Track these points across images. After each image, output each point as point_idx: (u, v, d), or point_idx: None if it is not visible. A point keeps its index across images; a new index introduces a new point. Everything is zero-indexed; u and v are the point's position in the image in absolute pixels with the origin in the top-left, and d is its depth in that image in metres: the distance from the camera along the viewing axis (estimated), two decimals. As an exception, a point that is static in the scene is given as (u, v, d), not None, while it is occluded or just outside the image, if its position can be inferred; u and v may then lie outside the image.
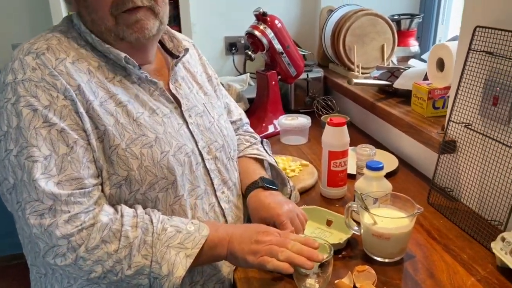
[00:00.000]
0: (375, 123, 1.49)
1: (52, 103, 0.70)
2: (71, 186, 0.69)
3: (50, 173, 0.68)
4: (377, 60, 1.65)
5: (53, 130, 0.69)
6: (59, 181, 0.68)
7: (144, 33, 0.77)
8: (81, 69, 0.74)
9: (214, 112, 0.94)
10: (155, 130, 0.78)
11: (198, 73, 0.97)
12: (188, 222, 0.75)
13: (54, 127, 0.69)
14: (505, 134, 0.89)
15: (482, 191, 0.97)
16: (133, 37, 0.76)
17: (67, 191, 0.68)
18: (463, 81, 1.00)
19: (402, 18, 1.68)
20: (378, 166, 0.97)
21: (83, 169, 0.71)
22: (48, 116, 0.69)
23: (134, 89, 0.80)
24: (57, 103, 0.70)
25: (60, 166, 0.69)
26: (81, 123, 0.72)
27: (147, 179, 0.76)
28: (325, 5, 1.84)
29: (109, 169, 0.74)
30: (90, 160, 0.72)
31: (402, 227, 0.85)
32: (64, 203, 0.68)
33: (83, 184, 0.70)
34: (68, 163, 0.69)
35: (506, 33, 0.87)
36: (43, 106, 0.69)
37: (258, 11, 1.47)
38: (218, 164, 0.89)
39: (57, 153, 0.69)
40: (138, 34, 0.76)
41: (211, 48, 1.90)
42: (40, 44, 0.73)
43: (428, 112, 1.21)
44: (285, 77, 1.60)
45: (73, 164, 0.70)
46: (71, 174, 0.69)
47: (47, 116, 0.69)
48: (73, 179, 0.69)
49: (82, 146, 0.71)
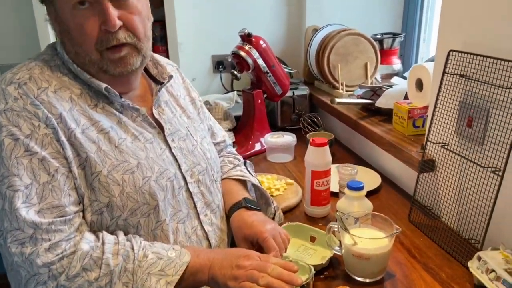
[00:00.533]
0: (359, 141, 1.52)
1: (33, 132, 0.71)
2: (52, 214, 0.70)
3: (31, 201, 0.69)
4: (361, 78, 1.69)
5: (34, 159, 0.70)
6: (40, 210, 0.69)
7: (127, 68, 0.79)
8: (63, 98, 0.76)
9: (197, 135, 0.96)
10: (137, 156, 0.80)
11: (181, 96, 0.99)
12: (169, 248, 0.76)
13: (35, 156, 0.71)
14: (479, 155, 0.92)
15: (460, 210, 0.99)
16: (117, 71, 0.79)
17: (48, 219, 0.69)
18: (439, 103, 1.03)
19: (384, 37, 1.72)
20: (358, 186, 1.00)
21: (64, 196, 0.72)
22: (30, 145, 0.70)
23: (116, 116, 0.81)
24: (38, 132, 0.71)
25: (41, 194, 0.70)
26: (62, 151, 0.73)
27: (129, 205, 0.77)
28: (310, 24, 1.88)
29: (90, 195, 0.75)
30: (71, 188, 0.73)
31: (382, 247, 0.86)
32: (45, 232, 0.69)
33: (64, 211, 0.71)
34: (49, 191, 0.70)
35: (478, 58, 0.91)
36: (25, 135, 0.70)
37: (243, 32, 1.50)
38: (201, 187, 0.90)
39: (38, 182, 0.70)
40: (121, 69, 0.79)
41: (199, 67, 1.93)
42: (22, 74, 0.75)
43: (409, 130, 1.23)
44: (271, 95, 1.63)
45: (54, 192, 0.71)
46: (52, 202, 0.70)
47: (28, 145, 0.70)
48: (54, 207, 0.70)
49: (63, 174, 0.72)
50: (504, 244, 0.84)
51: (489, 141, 0.90)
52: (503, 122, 0.85)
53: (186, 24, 1.81)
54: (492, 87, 0.88)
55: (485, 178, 0.89)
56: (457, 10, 0.98)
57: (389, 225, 0.89)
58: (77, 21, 0.74)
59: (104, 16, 0.73)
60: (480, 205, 0.91)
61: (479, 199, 0.91)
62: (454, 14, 0.99)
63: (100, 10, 0.73)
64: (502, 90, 0.85)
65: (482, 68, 0.90)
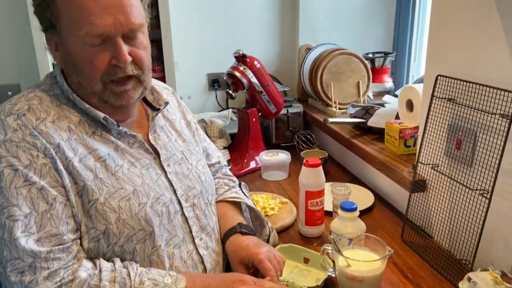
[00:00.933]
0: (352, 159, 1.55)
1: (32, 162, 0.73)
2: (50, 242, 0.72)
3: (30, 230, 0.71)
4: (354, 96, 1.72)
5: (33, 188, 0.72)
6: (38, 238, 0.71)
7: (128, 101, 0.82)
8: (61, 127, 0.78)
9: (192, 158, 0.98)
10: (133, 182, 0.82)
11: (176, 120, 1.02)
12: (165, 275, 0.78)
13: (34, 186, 0.72)
14: (468, 177, 0.95)
15: (451, 230, 1.02)
16: (118, 103, 0.81)
17: (46, 248, 0.71)
18: (428, 125, 1.06)
19: (376, 57, 1.76)
20: (351, 207, 1.02)
21: (62, 225, 0.73)
22: (29, 175, 0.72)
23: (113, 143, 0.83)
24: (37, 162, 0.73)
25: (40, 223, 0.72)
26: (60, 180, 0.75)
27: (125, 232, 0.78)
28: (303, 43, 1.92)
29: (87, 223, 0.76)
30: (69, 216, 0.75)
31: (375, 269, 0.88)
32: (43, 260, 0.70)
33: (62, 240, 0.73)
34: (47, 220, 0.72)
35: (465, 83, 0.94)
36: (24, 166, 0.72)
37: (238, 53, 1.53)
38: (196, 211, 0.92)
39: (37, 211, 0.72)
40: (123, 102, 0.81)
41: (194, 85, 1.95)
42: (21, 105, 0.77)
43: (400, 150, 1.26)
44: (265, 113, 1.65)
45: (53, 220, 0.73)
46: (50, 231, 0.72)
47: (27, 175, 0.72)
48: (53, 235, 0.72)
49: (61, 202, 0.74)
50: (493, 265, 0.87)
51: (477, 164, 0.93)
52: (489, 146, 0.88)
53: (182, 44, 1.84)
54: (478, 112, 0.91)
55: (474, 200, 0.92)
56: (444, 37, 1.02)
57: (382, 246, 0.91)
58: (87, 55, 0.76)
59: (116, 52, 0.76)
60: (470, 226, 0.93)
61: (468, 220, 0.94)
62: (441, 41, 1.03)
63: (112, 46, 0.76)
64: (488, 115, 0.88)
65: (469, 94, 0.93)
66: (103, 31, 0.74)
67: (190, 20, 1.85)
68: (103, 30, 0.74)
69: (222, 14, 1.88)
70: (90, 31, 0.74)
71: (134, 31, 0.78)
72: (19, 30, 1.78)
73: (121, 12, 0.75)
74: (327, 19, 1.91)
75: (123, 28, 0.76)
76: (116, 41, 0.76)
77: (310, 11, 1.89)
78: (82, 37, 0.74)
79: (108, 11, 0.74)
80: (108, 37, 0.75)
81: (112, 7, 0.74)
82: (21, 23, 1.77)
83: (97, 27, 0.74)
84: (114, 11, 0.75)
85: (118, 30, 0.75)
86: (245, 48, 1.57)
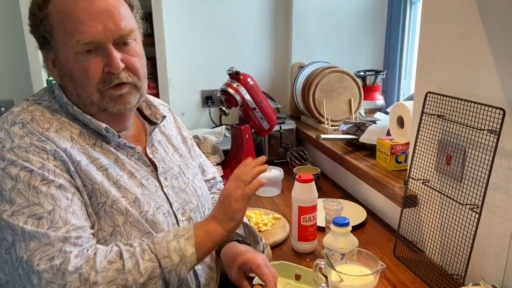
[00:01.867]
0: (344, 175, 1.56)
1: (44, 165, 0.73)
2: (77, 233, 0.72)
3: (57, 225, 0.71)
4: (346, 113, 1.74)
5: (51, 186, 0.73)
6: (67, 231, 0.72)
7: (126, 106, 0.83)
8: (64, 137, 0.79)
9: (189, 173, 0.98)
10: (134, 191, 0.83)
11: (173, 135, 1.02)
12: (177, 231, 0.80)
13: (52, 184, 0.73)
14: (458, 192, 0.96)
15: (442, 245, 1.02)
16: (116, 109, 0.82)
17: (76, 234, 0.72)
18: (419, 141, 1.07)
19: (367, 75, 1.80)
20: (344, 222, 1.02)
21: (85, 220, 0.75)
22: (45, 175, 0.73)
23: (113, 154, 0.84)
24: (49, 164, 0.74)
25: (65, 217, 0.72)
26: (73, 181, 0.76)
27: (133, 234, 0.79)
28: (296, 61, 1.96)
29: (96, 224, 0.77)
30: (85, 213, 0.77)
31: (367, 284, 0.88)
32: (72, 244, 0.71)
33: (87, 231, 0.74)
34: (71, 215, 0.73)
35: (453, 100, 0.96)
36: (38, 167, 0.73)
37: (232, 70, 1.56)
38: None
39: (59, 206, 0.72)
40: (121, 106, 0.82)
41: (188, 101, 1.97)
42: (24, 115, 0.78)
43: (392, 166, 1.28)
44: (258, 130, 1.67)
45: (76, 215, 0.74)
46: (76, 223, 0.73)
47: (43, 175, 0.73)
48: (79, 227, 0.73)
49: (79, 199, 0.76)
50: (485, 279, 0.87)
51: (466, 179, 0.94)
52: (478, 162, 0.90)
53: (176, 61, 1.86)
54: (467, 128, 0.93)
55: (464, 215, 0.93)
56: (433, 55, 1.04)
57: (374, 261, 0.91)
58: (80, 65, 0.78)
59: (108, 59, 0.78)
60: (461, 241, 0.94)
61: (459, 235, 0.94)
62: (430, 58, 1.06)
63: (104, 54, 0.78)
64: (476, 131, 0.90)
65: (457, 110, 0.95)
66: (93, 39, 0.76)
67: (184, 38, 1.88)
68: (93, 38, 0.76)
69: (216, 32, 1.91)
70: (80, 39, 0.75)
71: (125, 37, 0.80)
72: (13, 46, 1.79)
73: (110, 19, 0.77)
74: (320, 38, 1.95)
75: (113, 35, 0.78)
76: (107, 48, 0.78)
77: (303, 29, 1.93)
78: (74, 46, 0.76)
79: (97, 19, 0.76)
80: (99, 45, 0.77)
81: (102, 14, 0.76)
82: (15, 39, 1.78)
83: (87, 34, 0.75)
84: (104, 19, 0.77)
85: (108, 37, 0.77)
86: (239, 66, 1.60)
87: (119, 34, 0.78)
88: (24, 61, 1.63)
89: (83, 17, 0.75)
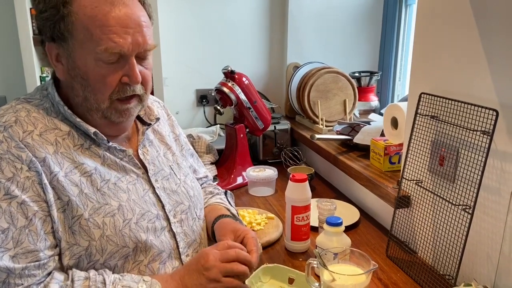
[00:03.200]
0: (338, 176, 1.56)
1: (15, 175, 0.72)
2: (26, 259, 0.70)
3: (7, 246, 0.69)
4: (340, 114, 1.75)
5: (13, 202, 0.71)
6: (15, 254, 0.69)
7: (128, 119, 0.83)
8: (48, 140, 0.77)
9: (180, 173, 0.98)
10: (119, 198, 0.81)
11: (166, 133, 1.02)
12: (139, 281, 0.77)
13: (14, 200, 0.71)
14: (451, 193, 0.96)
15: (435, 245, 1.02)
16: (118, 120, 0.82)
17: (22, 264, 0.70)
18: (412, 141, 1.08)
19: (362, 76, 1.80)
20: (337, 222, 1.02)
21: (40, 241, 0.72)
22: (10, 189, 0.71)
23: (101, 157, 0.82)
24: (20, 175, 0.72)
25: (17, 238, 0.70)
26: (43, 194, 0.73)
27: (108, 249, 0.77)
28: (291, 61, 1.96)
29: (69, 239, 0.75)
30: (48, 232, 0.74)
31: (360, 283, 0.88)
32: (18, 276, 0.69)
33: (39, 256, 0.71)
34: (25, 236, 0.71)
35: (447, 101, 0.96)
36: (6, 179, 0.71)
37: (227, 69, 1.55)
38: (184, 227, 0.91)
39: (15, 226, 0.70)
40: (123, 118, 0.82)
41: (183, 100, 1.96)
42: (8, 116, 0.76)
43: (385, 167, 1.28)
44: (253, 129, 1.66)
45: (31, 236, 0.71)
46: (27, 247, 0.71)
47: (9, 189, 0.71)
48: (29, 251, 0.71)
49: (41, 218, 0.73)
50: (476, 280, 0.88)
51: (459, 179, 0.94)
52: (471, 162, 0.90)
53: (170, 60, 1.86)
54: (460, 129, 0.93)
55: (457, 215, 0.93)
56: (427, 56, 1.05)
57: (367, 261, 0.91)
58: (99, 72, 0.76)
59: (129, 71, 0.77)
60: (453, 241, 0.94)
61: (451, 235, 0.95)
62: (425, 60, 1.06)
63: (125, 64, 0.77)
64: (469, 132, 0.90)
65: (451, 111, 0.96)
66: (121, 50, 0.75)
67: (179, 37, 1.87)
68: (121, 49, 0.75)
69: (212, 31, 1.91)
70: (109, 48, 0.74)
71: (147, 51, 0.79)
72: (7, 42, 1.78)
73: (139, 32, 0.76)
74: (315, 38, 1.95)
75: (139, 48, 0.77)
76: (131, 60, 0.77)
77: (299, 30, 1.93)
78: (98, 53, 0.74)
79: (127, 31, 0.75)
80: (124, 56, 0.76)
81: (132, 27, 0.75)
82: (8, 35, 1.76)
83: (116, 45, 0.74)
84: (134, 31, 0.76)
85: (134, 50, 0.76)
86: (234, 65, 1.59)
87: (145, 49, 0.78)
88: (17, 58, 1.62)
89: (114, 26, 0.74)
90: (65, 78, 0.80)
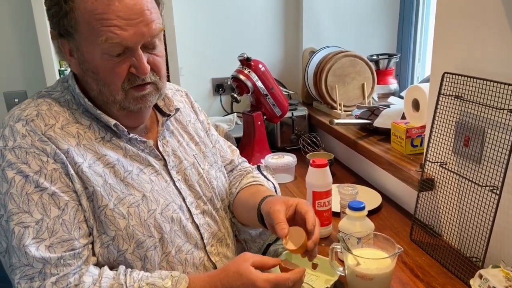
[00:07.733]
0: (358, 160, 1.54)
1: (42, 168, 0.73)
2: (62, 248, 0.72)
3: (42, 236, 0.71)
4: (359, 98, 1.72)
5: (44, 194, 0.72)
6: (50, 244, 0.71)
7: (146, 105, 0.82)
8: (70, 133, 0.78)
9: (205, 163, 0.97)
10: (143, 188, 0.81)
11: (190, 122, 1.00)
12: (167, 276, 0.76)
13: (45, 191, 0.72)
14: (477, 174, 0.94)
15: (460, 228, 1.01)
16: (136, 108, 0.81)
17: (57, 254, 0.71)
18: (435, 123, 1.05)
19: (380, 58, 1.76)
20: (359, 206, 1.01)
21: (74, 230, 0.73)
22: (39, 181, 0.72)
23: (123, 149, 0.83)
24: (47, 168, 0.73)
25: (52, 229, 0.72)
26: (71, 185, 0.75)
27: (135, 238, 0.78)
28: (307, 47, 1.93)
29: (99, 228, 0.76)
30: (81, 220, 0.75)
31: (384, 267, 0.87)
32: (53, 266, 0.70)
33: (73, 245, 0.73)
34: (59, 226, 0.72)
35: (471, 79, 0.94)
36: (34, 172, 0.72)
37: (243, 57, 1.54)
38: (207, 218, 0.92)
39: (49, 217, 0.72)
40: (141, 105, 0.81)
41: (199, 89, 1.96)
42: (30, 110, 0.77)
43: (407, 150, 1.26)
44: (270, 117, 1.65)
45: (65, 226, 0.73)
46: (62, 236, 0.72)
47: (38, 181, 0.72)
48: (64, 241, 0.72)
49: (73, 207, 0.74)
50: (505, 261, 0.86)
51: (486, 160, 0.92)
52: (498, 142, 0.87)
53: (186, 50, 1.85)
54: (486, 108, 0.90)
55: (484, 197, 0.91)
56: (450, 33, 1.02)
57: (391, 244, 0.90)
58: (107, 65, 0.76)
59: (137, 63, 0.76)
60: (480, 223, 0.92)
61: (478, 217, 0.93)
62: (447, 37, 1.03)
63: (131, 55, 0.76)
64: (496, 111, 0.88)
65: (476, 90, 0.93)
66: (124, 43, 0.74)
67: (194, 25, 1.86)
68: (125, 42, 0.74)
69: (226, 19, 1.90)
70: (109, 39, 0.73)
71: (155, 38, 0.78)
72: (26, 37, 1.80)
73: (143, 22, 0.75)
74: (331, 22, 1.91)
75: (144, 39, 0.76)
76: (136, 51, 0.76)
77: (314, 14, 1.90)
78: (101, 46, 0.74)
79: (129, 23, 0.73)
80: (129, 48, 0.75)
81: (134, 18, 0.74)
82: (27, 30, 1.78)
83: (118, 37, 0.73)
84: (136, 22, 0.74)
85: (139, 41, 0.75)
86: (249, 52, 1.58)
87: (151, 36, 0.76)
88: (36, 52, 1.64)
89: (115, 19, 0.72)
90: (79, 72, 0.81)
